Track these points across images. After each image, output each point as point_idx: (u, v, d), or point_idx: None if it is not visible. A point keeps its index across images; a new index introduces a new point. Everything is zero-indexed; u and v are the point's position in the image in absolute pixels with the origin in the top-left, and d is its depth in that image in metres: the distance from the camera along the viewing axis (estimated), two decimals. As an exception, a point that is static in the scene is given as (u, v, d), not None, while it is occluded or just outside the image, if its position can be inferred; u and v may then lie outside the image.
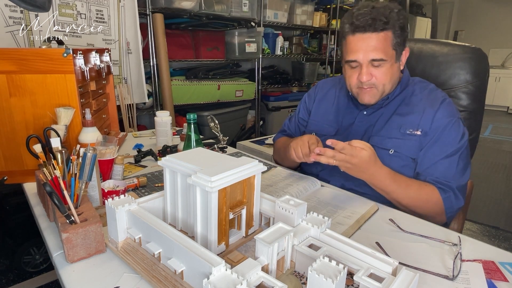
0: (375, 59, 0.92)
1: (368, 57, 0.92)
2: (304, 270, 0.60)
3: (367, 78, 0.95)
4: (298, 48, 3.67)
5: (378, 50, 0.91)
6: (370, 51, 0.92)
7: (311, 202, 0.92)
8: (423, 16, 6.49)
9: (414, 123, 0.97)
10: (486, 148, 4.27)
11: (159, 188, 0.99)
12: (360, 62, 0.94)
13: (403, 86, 1.03)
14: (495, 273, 0.64)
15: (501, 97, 6.57)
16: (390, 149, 0.98)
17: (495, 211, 2.66)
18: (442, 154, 0.93)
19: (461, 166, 0.94)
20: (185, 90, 2.67)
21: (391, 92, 1.02)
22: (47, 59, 0.95)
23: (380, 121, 1.03)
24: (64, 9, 1.86)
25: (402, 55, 0.99)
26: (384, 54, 0.92)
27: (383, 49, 0.91)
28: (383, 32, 0.91)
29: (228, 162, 0.64)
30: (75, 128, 1.01)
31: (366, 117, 1.06)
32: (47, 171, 0.67)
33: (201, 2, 2.43)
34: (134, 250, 0.63)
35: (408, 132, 0.97)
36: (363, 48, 0.92)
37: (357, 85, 0.99)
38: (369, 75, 0.95)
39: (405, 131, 0.98)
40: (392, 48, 0.93)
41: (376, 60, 0.92)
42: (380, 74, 0.95)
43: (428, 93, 1.01)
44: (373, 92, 0.98)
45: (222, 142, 1.30)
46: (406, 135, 0.97)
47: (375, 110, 1.05)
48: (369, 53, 0.92)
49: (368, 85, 0.97)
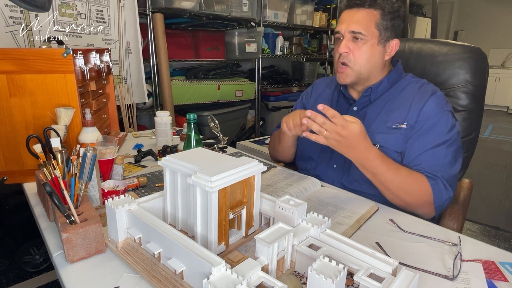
0: (354, 31, 0.95)
1: (348, 28, 0.96)
2: (304, 270, 0.60)
3: (343, 50, 0.97)
4: (298, 48, 3.68)
5: (359, 23, 0.95)
6: (351, 23, 0.96)
7: (311, 202, 0.92)
8: (423, 16, 6.49)
9: (401, 117, 0.97)
10: (486, 148, 4.27)
11: (159, 188, 0.99)
12: (342, 33, 0.97)
13: (392, 80, 1.03)
14: (495, 273, 0.64)
15: (501, 97, 6.57)
16: (376, 144, 0.98)
17: (495, 211, 2.66)
18: (428, 145, 0.92)
19: (450, 158, 0.92)
20: (185, 90, 2.67)
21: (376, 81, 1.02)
22: (47, 59, 0.95)
23: (369, 117, 1.03)
24: (64, 9, 1.86)
25: (390, 45, 1.00)
26: (364, 29, 0.94)
27: (364, 24, 0.95)
28: (370, 9, 0.95)
29: (228, 162, 0.64)
30: (75, 128, 1.01)
31: (356, 113, 1.06)
32: (47, 171, 0.67)
33: (201, 2, 2.43)
34: (134, 250, 0.63)
35: (394, 126, 0.97)
36: (346, 20, 0.97)
37: (338, 61, 1.01)
38: (347, 48, 0.97)
39: (391, 126, 0.98)
40: (375, 27, 0.95)
41: (355, 32, 0.95)
42: (357, 51, 0.97)
43: (417, 88, 1.01)
44: (348, 72, 1.00)
45: (222, 142, 1.30)
46: (392, 129, 0.97)
47: (364, 105, 1.06)
48: (350, 25, 0.96)
49: (345, 58, 0.98)
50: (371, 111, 1.04)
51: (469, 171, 1.19)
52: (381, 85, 1.02)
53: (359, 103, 1.06)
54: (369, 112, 1.04)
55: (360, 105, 1.06)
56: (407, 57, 1.25)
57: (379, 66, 1.01)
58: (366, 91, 1.03)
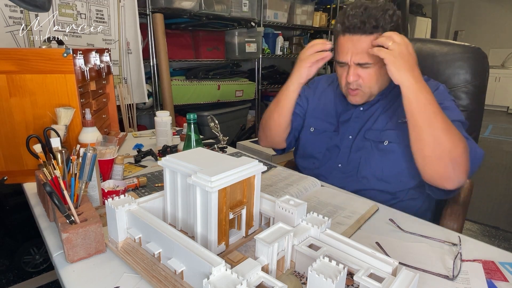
0: (361, 63, 0.93)
1: (355, 60, 0.93)
2: (304, 270, 0.60)
3: (353, 79, 0.96)
4: (298, 48, 3.68)
5: (365, 54, 0.91)
6: (356, 54, 0.92)
7: (311, 202, 0.92)
8: (423, 16, 6.49)
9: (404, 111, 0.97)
10: (486, 148, 4.27)
11: (159, 188, 0.99)
12: (348, 63, 0.95)
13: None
14: (495, 273, 0.64)
15: (501, 97, 6.57)
16: (385, 140, 0.98)
17: (495, 211, 2.66)
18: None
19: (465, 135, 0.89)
20: (185, 90, 2.67)
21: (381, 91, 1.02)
22: (47, 59, 0.95)
23: (375, 115, 1.04)
24: (64, 9, 1.86)
25: None
26: (370, 58, 0.91)
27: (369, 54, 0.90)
28: (372, 35, 0.90)
29: (228, 162, 0.64)
30: (75, 128, 1.01)
31: (362, 112, 1.07)
32: (47, 171, 0.67)
33: (201, 2, 2.43)
34: (134, 250, 0.63)
35: (400, 121, 0.97)
36: (350, 50, 0.93)
37: (346, 85, 1.00)
38: (356, 76, 0.96)
39: (397, 121, 0.98)
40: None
41: (362, 64, 0.93)
42: (366, 76, 0.95)
43: None
44: (360, 94, 1.00)
45: (222, 142, 1.30)
46: (399, 124, 0.97)
47: (371, 105, 1.06)
48: (356, 56, 0.92)
49: (354, 86, 0.98)
50: (375, 109, 1.05)
51: (469, 171, 1.19)
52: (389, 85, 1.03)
53: (366, 104, 1.06)
54: (373, 111, 1.05)
55: (367, 105, 1.06)
56: (407, 57, 1.25)
57: (387, 82, 1.01)
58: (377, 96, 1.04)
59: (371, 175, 1.01)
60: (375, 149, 1.01)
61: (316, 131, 1.15)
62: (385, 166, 0.99)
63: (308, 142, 1.16)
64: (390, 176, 0.99)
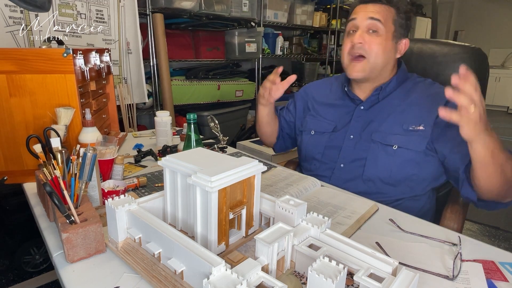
0: (373, 18, 0.94)
1: (367, 15, 0.95)
2: (304, 270, 0.60)
3: (358, 40, 0.96)
4: (298, 48, 3.68)
5: (378, 13, 0.94)
6: (369, 12, 0.95)
7: (311, 202, 0.92)
8: (423, 16, 6.48)
9: (417, 119, 0.97)
10: (486, 148, 4.27)
11: (159, 188, 0.99)
12: (358, 22, 0.96)
13: (400, 80, 1.03)
14: (495, 273, 0.64)
15: (501, 97, 6.57)
16: (394, 145, 0.97)
17: (495, 211, 2.66)
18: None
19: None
20: (185, 90, 2.67)
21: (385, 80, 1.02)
22: (47, 59, 0.95)
23: (380, 117, 1.02)
24: (64, 9, 1.86)
25: (402, 43, 1.00)
26: (383, 18, 0.94)
27: (383, 15, 0.94)
28: (386, 6, 0.94)
29: (228, 162, 0.64)
30: (75, 128, 1.01)
31: (364, 112, 1.06)
32: (47, 171, 0.67)
33: (201, 2, 2.43)
34: (134, 250, 0.63)
35: (411, 128, 0.97)
36: (363, 9, 0.96)
37: (349, 53, 0.99)
38: (362, 38, 0.96)
39: (407, 128, 0.97)
40: (392, 22, 0.95)
41: (374, 19, 0.94)
42: (373, 42, 0.95)
43: (426, 88, 1.01)
44: (362, 64, 0.97)
45: (222, 142, 1.30)
46: (409, 131, 0.97)
47: (373, 104, 1.05)
48: (369, 13, 0.95)
49: (359, 50, 0.96)
50: (378, 110, 1.03)
51: (469, 171, 1.19)
52: (390, 83, 1.02)
53: (367, 102, 1.05)
54: (377, 111, 1.03)
55: (368, 104, 1.05)
56: (408, 57, 1.25)
57: (391, 63, 1.01)
58: (376, 90, 1.02)
59: (376, 177, 1.00)
60: (383, 151, 0.99)
61: (316, 133, 1.15)
62: (393, 169, 0.98)
63: (309, 145, 1.16)
64: (397, 180, 0.99)
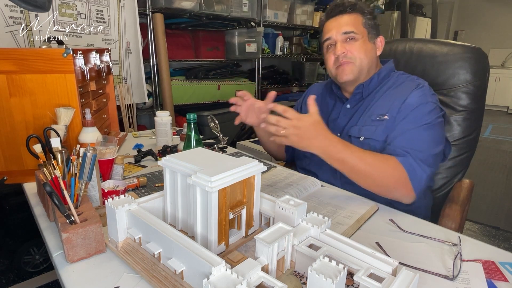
0: (347, 32, 1.00)
1: (340, 31, 1.01)
2: (304, 270, 0.60)
3: (341, 51, 1.00)
4: (298, 48, 3.67)
5: (349, 24, 1.01)
6: (341, 26, 1.01)
7: (311, 202, 0.92)
8: (423, 16, 6.48)
9: (384, 109, 0.99)
10: (486, 148, 4.27)
11: (159, 188, 0.99)
12: (334, 38, 1.02)
13: (382, 76, 1.06)
14: (495, 273, 0.64)
15: (501, 97, 6.57)
16: (361, 136, 1.00)
17: (495, 211, 2.66)
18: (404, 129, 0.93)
19: (427, 139, 0.92)
20: (185, 90, 2.67)
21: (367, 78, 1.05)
22: (47, 59, 0.95)
23: (359, 112, 1.06)
24: (64, 9, 1.86)
25: (378, 41, 1.05)
26: (355, 28, 1.00)
27: (353, 24, 1.01)
28: (352, 13, 1.01)
29: (228, 162, 0.64)
30: (75, 128, 1.01)
31: (349, 110, 1.09)
32: (47, 171, 0.67)
33: (201, 2, 2.43)
34: (134, 250, 0.63)
35: (378, 118, 0.99)
36: (335, 26, 1.02)
37: (335, 64, 1.04)
38: (343, 49, 1.01)
39: (375, 118, 1.00)
40: (362, 26, 1.01)
41: (348, 32, 1.00)
42: (354, 48, 1.01)
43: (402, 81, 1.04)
44: (351, 66, 1.02)
45: (222, 142, 1.30)
46: (376, 121, 0.99)
47: (357, 102, 1.08)
48: (341, 28, 1.01)
49: (344, 58, 1.01)
50: (362, 107, 1.06)
51: (469, 171, 1.19)
52: (372, 81, 1.05)
53: (352, 101, 1.09)
54: (360, 109, 1.06)
55: (353, 102, 1.08)
56: (408, 57, 1.25)
57: (374, 61, 1.05)
58: (358, 88, 1.06)
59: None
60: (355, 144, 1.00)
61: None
62: None
63: None
64: None
